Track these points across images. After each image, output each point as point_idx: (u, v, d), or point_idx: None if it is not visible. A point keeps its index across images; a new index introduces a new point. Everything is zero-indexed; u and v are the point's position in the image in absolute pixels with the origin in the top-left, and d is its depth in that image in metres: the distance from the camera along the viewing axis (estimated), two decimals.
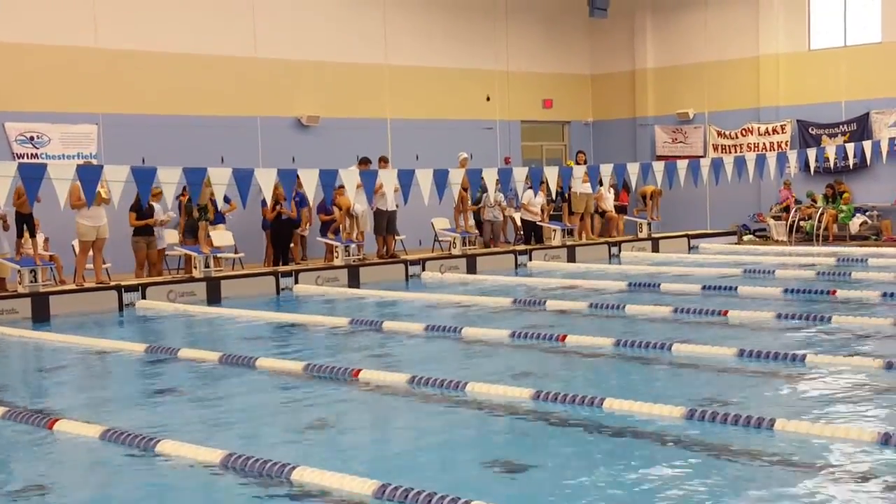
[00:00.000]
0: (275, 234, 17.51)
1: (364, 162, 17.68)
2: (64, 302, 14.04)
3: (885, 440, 6.28)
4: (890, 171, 20.95)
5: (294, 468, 5.98)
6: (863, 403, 7.64)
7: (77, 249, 14.98)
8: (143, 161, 16.09)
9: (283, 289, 15.93)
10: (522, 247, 19.95)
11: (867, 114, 22.04)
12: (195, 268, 15.70)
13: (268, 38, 19.59)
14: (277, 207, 17.06)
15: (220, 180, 12.88)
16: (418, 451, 6.86)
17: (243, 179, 12.96)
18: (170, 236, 16.65)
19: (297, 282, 16.14)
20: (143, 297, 14.64)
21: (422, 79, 22.00)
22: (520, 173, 17.09)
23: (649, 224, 22.00)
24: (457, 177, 15.44)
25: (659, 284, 14.93)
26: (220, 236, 16.88)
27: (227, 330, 12.98)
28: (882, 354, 9.06)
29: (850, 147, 19.63)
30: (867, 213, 21.74)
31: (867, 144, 19.93)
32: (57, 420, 7.57)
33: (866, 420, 7.08)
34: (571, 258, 19.65)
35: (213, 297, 15.15)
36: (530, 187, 19.08)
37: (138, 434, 6.96)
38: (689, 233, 22.17)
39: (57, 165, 13.23)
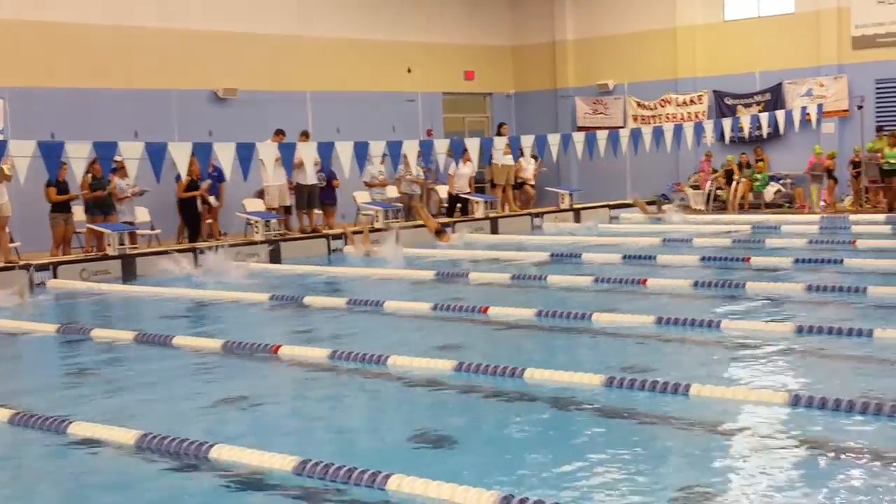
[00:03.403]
0: (185, 209, 17.08)
1: (279, 133, 17.39)
2: None
3: (795, 401, 6.49)
4: (802, 140, 21.40)
5: (212, 446, 5.87)
6: (775, 367, 7.84)
7: None
8: (53, 136, 15.58)
9: (201, 265, 15.62)
10: (446, 219, 19.92)
11: (780, 84, 22.47)
12: (109, 245, 15.30)
13: (181, 8, 19.09)
14: (202, 185, 16.70)
15: (132, 154, 12.55)
16: (340, 426, 6.81)
17: (156, 154, 12.65)
18: (76, 214, 16.06)
19: None
20: (55, 277, 14.23)
21: (341, 50, 21.71)
22: (441, 145, 17.05)
23: (571, 195, 22.15)
24: (377, 149, 15.31)
25: (580, 255, 15.06)
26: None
27: (143, 308, 12.71)
28: (793, 319, 9.30)
29: (764, 117, 20.02)
30: (781, 182, 22.22)
31: (780, 114, 20.36)
32: None
33: (778, 383, 7.24)
34: (495, 230, 19.71)
35: (129, 275, 14.81)
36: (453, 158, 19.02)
37: (49, 416, 6.77)
38: (610, 203, 22.40)
39: None
